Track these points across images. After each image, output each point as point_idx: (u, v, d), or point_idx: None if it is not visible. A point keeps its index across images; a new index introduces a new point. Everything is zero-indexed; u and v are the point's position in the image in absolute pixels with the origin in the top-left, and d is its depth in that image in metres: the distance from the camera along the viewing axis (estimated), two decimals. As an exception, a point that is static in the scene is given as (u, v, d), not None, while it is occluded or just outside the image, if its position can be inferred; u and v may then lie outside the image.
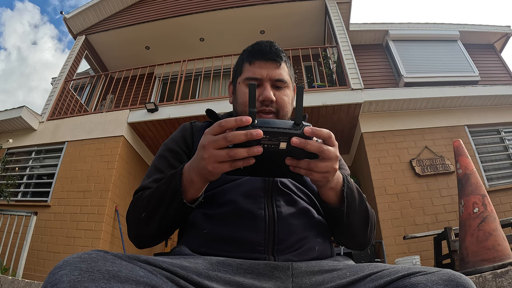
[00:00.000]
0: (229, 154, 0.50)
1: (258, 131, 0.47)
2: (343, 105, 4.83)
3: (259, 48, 0.82)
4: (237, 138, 0.48)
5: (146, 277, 0.45)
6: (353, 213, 0.66)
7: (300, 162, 0.53)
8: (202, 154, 0.53)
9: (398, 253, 3.95)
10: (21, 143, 5.24)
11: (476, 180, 2.16)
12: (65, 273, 0.41)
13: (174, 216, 0.65)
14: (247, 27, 6.72)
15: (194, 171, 0.58)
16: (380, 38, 6.84)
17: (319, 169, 0.53)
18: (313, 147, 0.50)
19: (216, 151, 0.51)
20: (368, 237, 0.73)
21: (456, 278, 0.48)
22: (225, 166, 0.52)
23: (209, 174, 0.55)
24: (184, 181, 0.60)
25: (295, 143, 0.49)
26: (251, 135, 0.47)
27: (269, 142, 0.50)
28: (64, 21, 6.67)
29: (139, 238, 0.71)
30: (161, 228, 0.67)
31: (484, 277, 1.43)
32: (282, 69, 0.81)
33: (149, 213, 0.66)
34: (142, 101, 5.84)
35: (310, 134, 0.50)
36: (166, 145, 0.84)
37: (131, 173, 5.03)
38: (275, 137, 0.49)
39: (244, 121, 0.48)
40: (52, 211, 4.49)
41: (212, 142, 0.51)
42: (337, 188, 0.63)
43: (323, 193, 0.64)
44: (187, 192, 0.61)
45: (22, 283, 2.28)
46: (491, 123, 5.02)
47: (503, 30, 6.78)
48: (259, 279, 0.57)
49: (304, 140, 0.50)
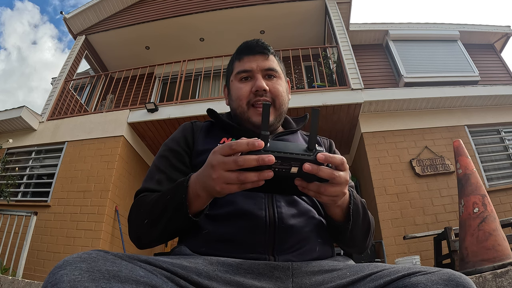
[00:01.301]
0: (239, 178, 0.49)
1: (270, 157, 0.46)
2: (343, 105, 4.83)
3: (245, 45, 0.85)
4: (248, 163, 0.47)
5: (146, 277, 0.45)
6: (356, 228, 0.67)
7: (310, 185, 0.53)
8: (211, 173, 0.52)
9: (398, 253, 3.95)
10: (21, 143, 5.24)
11: (476, 180, 2.16)
12: (65, 273, 0.41)
13: (177, 227, 0.64)
14: (247, 27, 6.72)
15: (200, 187, 0.57)
16: (380, 38, 6.84)
17: (329, 193, 0.53)
18: (325, 173, 0.50)
19: (225, 173, 0.50)
20: (367, 244, 0.75)
21: (456, 278, 0.48)
22: (233, 188, 0.51)
23: (216, 193, 0.55)
24: (190, 194, 0.59)
25: (307, 169, 0.48)
26: (263, 161, 0.46)
27: (281, 166, 0.49)
28: (64, 21, 6.67)
29: (140, 241, 0.71)
30: (163, 235, 0.67)
31: (484, 277, 1.43)
32: (271, 60, 0.84)
33: (152, 221, 0.65)
34: (142, 101, 5.84)
35: (323, 161, 0.49)
36: (166, 145, 0.83)
37: (131, 173, 5.03)
38: (287, 162, 0.49)
39: (256, 146, 0.47)
40: (52, 211, 4.49)
41: (222, 163, 0.50)
42: (343, 205, 0.63)
43: (329, 210, 0.65)
44: (192, 205, 0.60)
45: (22, 283, 2.28)
46: (491, 123, 5.01)
47: (503, 30, 6.78)
48: (259, 279, 0.57)
49: (317, 167, 0.49)
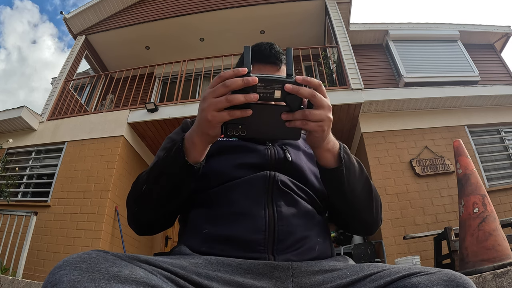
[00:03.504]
0: (227, 98, 0.52)
1: (254, 77, 0.52)
2: (343, 105, 4.83)
3: (258, 50, 0.82)
4: (235, 83, 0.52)
5: (146, 277, 0.45)
6: (353, 178, 0.66)
7: (295, 114, 0.55)
8: (202, 105, 0.56)
9: (398, 253, 3.95)
10: (21, 143, 5.24)
11: (476, 180, 2.16)
12: (65, 273, 0.41)
13: (176, 182, 0.64)
14: (247, 27, 6.72)
15: (195, 131, 0.60)
16: (380, 38, 6.84)
17: (314, 117, 0.55)
18: (305, 91, 0.54)
19: (215, 99, 0.54)
20: (375, 215, 0.73)
21: (457, 279, 0.48)
22: (223, 114, 0.54)
23: (209, 126, 0.56)
24: (186, 144, 0.61)
25: (288, 88, 0.53)
26: (248, 81, 0.52)
27: (264, 90, 0.53)
28: (64, 21, 6.67)
29: (138, 221, 0.71)
30: (162, 200, 0.67)
31: (484, 277, 1.43)
32: (281, 71, 0.82)
33: (150, 182, 0.66)
34: (142, 101, 5.83)
35: (301, 81, 0.54)
36: (169, 138, 0.85)
37: (131, 173, 5.03)
38: (270, 84, 0.53)
39: (241, 71, 0.53)
40: (52, 211, 4.49)
41: (211, 91, 0.54)
42: (334, 150, 0.64)
43: (320, 155, 0.64)
44: (189, 154, 0.61)
45: (22, 283, 2.28)
46: (491, 123, 5.02)
47: (503, 30, 6.78)
48: (259, 279, 0.56)
49: (297, 86, 0.53)
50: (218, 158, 0.73)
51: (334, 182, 0.66)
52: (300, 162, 0.74)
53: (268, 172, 0.68)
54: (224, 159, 0.73)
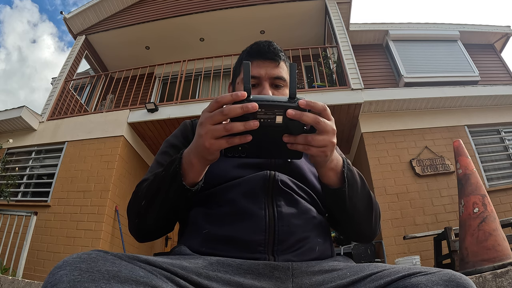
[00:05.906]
0: (226, 127, 0.50)
1: (253, 104, 0.48)
2: (343, 105, 4.83)
3: (257, 48, 0.82)
4: (233, 111, 0.49)
5: (146, 277, 0.44)
6: (355, 196, 0.66)
7: (297, 138, 0.53)
8: (200, 131, 0.54)
9: (398, 253, 3.95)
10: (21, 143, 5.24)
11: (476, 180, 2.16)
12: (65, 273, 0.41)
13: (174, 201, 0.64)
14: (247, 27, 6.72)
15: (193, 152, 0.58)
16: (380, 38, 6.84)
17: (317, 143, 0.53)
18: (309, 118, 0.51)
19: (213, 126, 0.52)
20: (374, 227, 0.73)
21: (457, 279, 0.47)
22: (222, 142, 0.52)
23: (207, 152, 0.55)
24: (184, 164, 0.60)
25: (290, 114, 0.49)
26: (247, 108, 0.48)
27: (265, 116, 0.50)
28: (64, 21, 6.67)
29: (139, 231, 0.71)
30: (161, 215, 0.67)
31: (484, 277, 1.43)
32: (281, 67, 0.81)
33: (149, 199, 0.66)
34: (142, 101, 5.84)
35: (305, 106, 0.50)
36: (168, 141, 0.85)
37: (131, 173, 5.03)
38: (271, 110, 0.50)
39: (240, 96, 0.49)
40: (52, 211, 4.49)
41: (209, 118, 0.52)
42: (337, 168, 0.63)
43: (323, 174, 0.63)
44: (186, 175, 0.61)
45: (22, 283, 2.28)
46: (491, 123, 5.02)
47: (503, 30, 6.78)
48: (259, 279, 0.56)
49: (300, 112, 0.50)
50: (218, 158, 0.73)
51: (336, 201, 0.66)
52: (299, 162, 0.74)
53: (268, 172, 0.68)
54: (224, 159, 0.72)
